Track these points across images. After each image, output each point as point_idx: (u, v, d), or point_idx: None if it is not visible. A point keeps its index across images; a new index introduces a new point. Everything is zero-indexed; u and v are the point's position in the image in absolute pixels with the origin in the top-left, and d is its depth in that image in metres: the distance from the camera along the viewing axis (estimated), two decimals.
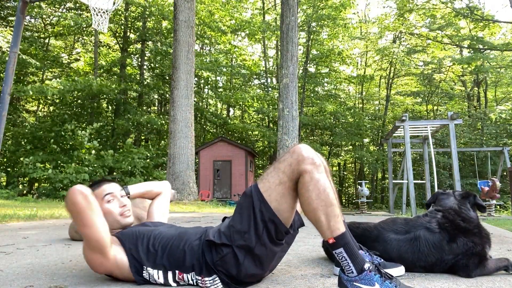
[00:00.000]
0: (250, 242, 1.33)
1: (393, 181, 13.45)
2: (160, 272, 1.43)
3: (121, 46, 20.53)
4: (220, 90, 23.80)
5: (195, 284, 1.42)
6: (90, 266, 1.47)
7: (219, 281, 1.37)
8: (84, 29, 15.40)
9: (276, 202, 1.33)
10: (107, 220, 1.55)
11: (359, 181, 13.61)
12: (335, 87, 25.51)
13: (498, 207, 12.83)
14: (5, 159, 16.73)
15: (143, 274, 1.44)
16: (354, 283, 1.22)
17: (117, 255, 1.44)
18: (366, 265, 1.23)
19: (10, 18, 17.49)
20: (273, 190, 1.34)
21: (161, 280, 1.43)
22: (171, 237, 1.48)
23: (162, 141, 19.96)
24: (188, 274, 1.41)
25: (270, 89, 23.48)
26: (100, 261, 1.41)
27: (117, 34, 20.21)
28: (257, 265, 1.38)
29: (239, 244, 1.34)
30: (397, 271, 1.58)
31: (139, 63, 20.76)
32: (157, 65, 19.67)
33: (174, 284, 1.43)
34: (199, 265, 1.39)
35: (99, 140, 15.18)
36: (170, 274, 1.43)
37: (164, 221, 1.85)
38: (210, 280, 1.37)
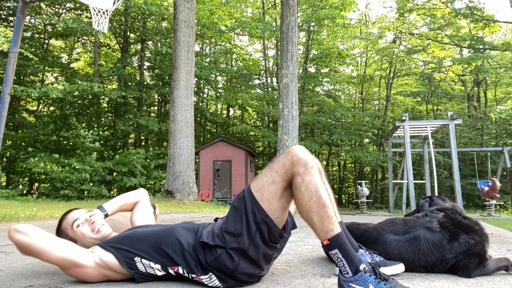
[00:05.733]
0: (244, 245, 1.34)
1: (393, 181, 13.45)
2: (152, 262, 1.42)
3: (121, 46, 20.53)
4: (220, 90, 23.80)
5: (190, 278, 1.42)
6: (84, 281, 1.46)
7: (215, 278, 1.37)
8: (84, 29, 15.37)
9: (268, 201, 1.34)
10: (85, 242, 1.57)
11: (359, 181, 13.61)
12: (335, 87, 25.52)
13: (498, 207, 12.82)
14: (5, 159, 16.74)
15: (138, 266, 1.42)
16: (349, 284, 1.23)
17: (96, 258, 1.42)
18: (362, 266, 1.23)
19: (10, 18, 17.50)
20: (265, 189, 1.34)
21: (158, 266, 1.42)
22: (157, 232, 1.47)
23: (164, 142, 19.95)
24: (180, 267, 1.41)
25: (270, 89, 23.47)
26: (84, 271, 1.41)
27: (117, 34, 20.21)
28: (252, 266, 1.38)
29: (232, 247, 1.35)
30: (397, 268, 1.59)
31: (139, 63, 20.75)
32: (157, 65, 19.67)
33: (171, 271, 1.42)
34: (191, 264, 1.39)
35: (100, 141, 15.19)
36: (163, 265, 1.42)
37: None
38: (206, 278, 1.38)
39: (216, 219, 1.52)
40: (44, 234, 1.39)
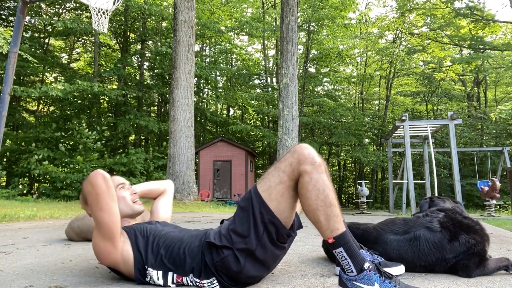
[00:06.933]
0: (251, 245, 1.33)
1: (393, 181, 13.44)
2: (160, 273, 1.43)
3: (121, 46, 20.53)
4: (220, 90, 23.82)
5: (194, 285, 1.42)
6: (97, 256, 1.48)
7: (216, 283, 1.37)
8: (84, 29, 15.41)
9: (276, 201, 1.33)
10: (119, 206, 1.58)
11: (359, 181, 13.61)
12: (335, 87, 25.52)
13: (498, 207, 12.82)
14: (5, 159, 16.73)
15: (146, 274, 1.45)
16: (354, 282, 1.23)
17: (124, 247, 1.45)
18: (366, 265, 1.23)
19: (10, 18, 17.50)
20: (273, 189, 1.34)
21: (161, 282, 1.43)
22: (174, 239, 1.49)
23: (164, 142, 19.94)
24: (186, 277, 1.41)
25: (270, 89, 23.48)
26: (109, 250, 1.43)
27: (117, 34, 20.21)
28: (258, 268, 1.38)
29: (240, 248, 1.34)
30: (398, 270, 1.59)
31: (139, 63, 20.76)
32: (157, 65, 19.67)
33: (173, 286, 1.43)
34: (199, 268, 1.39)
35: (102, 142, 15.21)
36: (169, 275, 1.43)
37: (167, 219, 1.87)
38: (208, 283, 1.38)
39: (222, 221, 1.52)
40: (116, 196, 1.43)
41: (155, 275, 1.43)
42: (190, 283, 1.41)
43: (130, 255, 1.45)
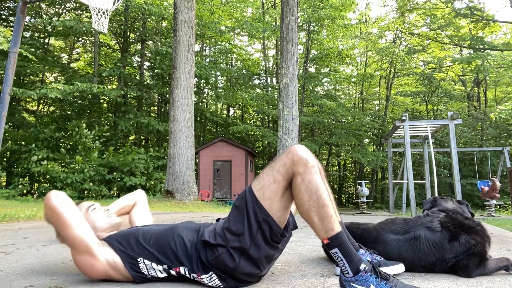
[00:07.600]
0: (245, 244, 1.34)
1: (393, 181, 13.44)
2: (154, 264, 1.43)
3: (121, 46, 20.53)
4: (220, 90, 23.82)
5: (191, 279, 1.42)
6: (85, 273, 1.46)
7: (216, 277, 1.38)
8: (85, 29, 15.44)
9: (269, 200, 1.34)
10: (98, 224, 1.60)
11: (359, 181, 13.61)
12: (335, 87, 25.51)
13: (498, 207, 12.82)
14: (5, 159, 16.73)
15: (140, 268, 1.44)
16: (351, 284, 1.24)
17: (108, 255, 1.44)
18: (362, 266, 1.23)
19: (10, 18, 17.50)
20: (267, 188, 1.34)
21: (160, 268, 1.43)
22: (161, 231, 1.49)
23: (164, 143, 19.96)
24: (182, 267, 1.41)
25: (270, 89, 23.47)
26: (91, 263, 1.41)
27: (117, 34, 20.22)
28: (253, 266, 1.38)
29: (234, 246, 1.35)
30: (397, 268, 1.59)
31: (139, 63, 20.76)
32: (157, 65, 19.69)
33: (173, 273, 1.43)
34: (193, 263, 1.39)
35: (101, 140, 15.20)
36: (165, 267, 1.43)
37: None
38: (207, 277, 1.38)
39: (218, 219, 1.53)
40: (77, 210, 1.43)
41: (152, 264, 1.43)
42: (187, 275, 1.42)
43: (116, 260, 1.44)
